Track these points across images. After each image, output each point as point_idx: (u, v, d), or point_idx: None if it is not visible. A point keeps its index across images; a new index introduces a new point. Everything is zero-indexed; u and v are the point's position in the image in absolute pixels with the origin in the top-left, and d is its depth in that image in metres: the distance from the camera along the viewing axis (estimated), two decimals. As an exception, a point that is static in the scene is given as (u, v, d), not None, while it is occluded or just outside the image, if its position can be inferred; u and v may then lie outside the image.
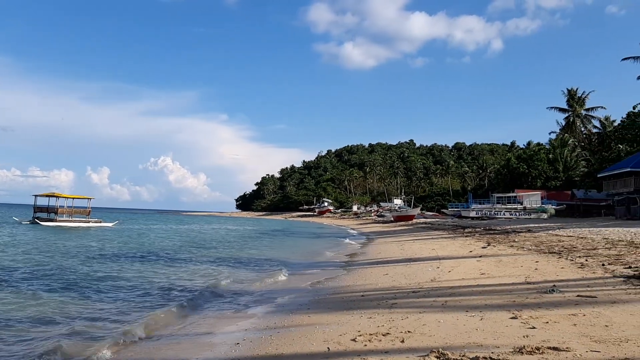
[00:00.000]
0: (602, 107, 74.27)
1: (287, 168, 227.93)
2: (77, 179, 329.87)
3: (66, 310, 11.54)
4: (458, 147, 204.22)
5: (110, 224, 62.34)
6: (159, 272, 18.90)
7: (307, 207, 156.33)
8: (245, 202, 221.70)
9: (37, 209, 60.76)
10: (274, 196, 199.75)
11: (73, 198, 61.27)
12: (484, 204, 71.34)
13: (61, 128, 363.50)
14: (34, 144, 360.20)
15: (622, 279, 11.09)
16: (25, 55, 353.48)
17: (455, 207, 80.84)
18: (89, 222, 59.91)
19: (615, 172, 46.30)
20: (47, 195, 59.93)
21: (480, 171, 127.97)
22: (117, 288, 14.76)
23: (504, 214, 64.63)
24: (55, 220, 57.22)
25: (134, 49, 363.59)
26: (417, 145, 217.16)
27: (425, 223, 65.35)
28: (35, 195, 60.71)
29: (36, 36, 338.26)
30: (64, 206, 59.76)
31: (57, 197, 59.18)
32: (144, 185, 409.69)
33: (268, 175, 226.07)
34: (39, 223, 55.78)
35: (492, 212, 66.17)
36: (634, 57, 45.75)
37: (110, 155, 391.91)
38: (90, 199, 62.97)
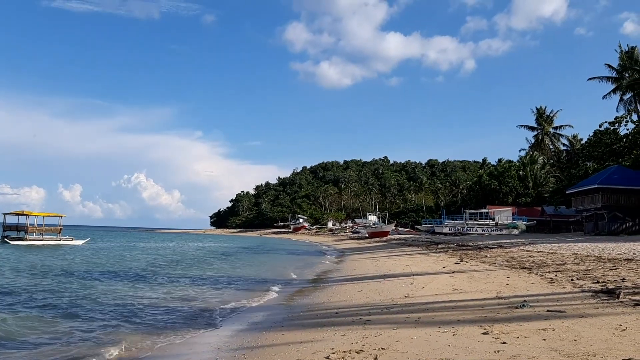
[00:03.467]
0: (569, 126, 76.26)
1: (262, 185, 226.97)
2: (49, 197, 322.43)
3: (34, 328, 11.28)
4: (431, 164, 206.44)
5: (81, 242, 61.08)
6: (126, 291, 18.53)
7: (282, 223, 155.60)
8: (220, 219, 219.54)
9: (6, 227, 59.15)
10: (249, 213, 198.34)
11: (44, 216, 59.88)
12: (456, 220, 72.08)
13: (32, 144, 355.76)
14: (2, 160, 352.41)
15: (590, 293, 11.32)
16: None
17: (429, 223, 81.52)
18: (60, 240, 58.60)
19: (583, 188, 47.35)
20: (16, 214, 58.45)
21: (453, 188, 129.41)
22: (84, 307, 14.45)
23: (477, 230, 65.39)
24: (26, 239, 55.79)
25: (108, 65, 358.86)
26: (391, 162, 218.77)
27: (400, 239, 65.66)
28: (5, 214, 59.20)
29: (5, 51, 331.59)
30: (34, 224, 58.36)
31: (27, 215, 57.79)
32: (117, 202, 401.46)
33: (243, 192, 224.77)
34: (8, 242, 54.30)
35: (465, 228, 66.88)
36: (599, 77, 47.16)
37: (83, 172, 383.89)
38: (61, 216, 61.65)
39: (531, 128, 75.86)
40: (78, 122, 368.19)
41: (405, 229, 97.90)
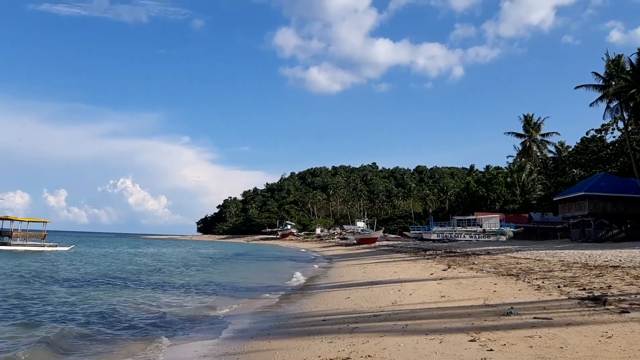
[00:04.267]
0: (556, 133, 76.74)
1: (250, 190, 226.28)
2: (33, 202, 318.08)
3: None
4: (419, 170, 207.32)
5: (65, 248, 60.43)
6: (111, 298, 18.30)
7: (269, 230, 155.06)
8: (207, 225, 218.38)
9: (-10, 232, 58.38)
10: (236, 219, 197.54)
11: (28, 221, 59.16)
12: (444, 226, 72.32)
13: (17, 149, 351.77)
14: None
15: (576, 300, 11.34)
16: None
17: (417, 230, 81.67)
18: (44, 246, 57.92)
19: (570, 195, 47.71)
20: (0, 219, 57.73)
21: (441, 194, 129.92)
22: (62, 315, 14.26)
23: (464, 237, 65.65)
24: (9, 244, 55.08)
25: (96, 70, 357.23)
26: (380, 168, 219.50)
27: (388, 245, 65.69)
28: (-12, 219, 58.41)
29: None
30: (18, 229, 57.63)
31: (11, 220, 57.08)
32: (102, 208, 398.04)
33: (230, 197, 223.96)
34: (-10, 247, 53.58)
35: (453, 235, 67.13)
36: (586, 85, 47.49)
37: (68, 177, 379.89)
38: (46, 222, 60.91)
39: (519, 135, 76.32)
40: (65, 127, 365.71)
41: (393, 236, 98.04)
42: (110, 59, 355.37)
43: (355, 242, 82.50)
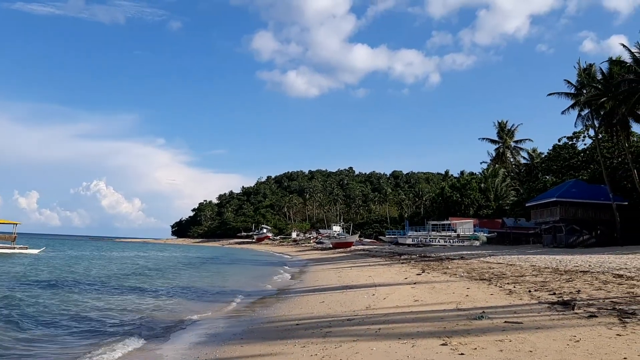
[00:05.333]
0: (529, 140, 78.03)
1: (225, 194, 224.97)
2: (3, 203, 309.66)
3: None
4: (395, 175, 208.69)
5: (36, 251, 59.16)
6: (80, 302, 17.95)
7: (245, 233, 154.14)
8: (182, 229, 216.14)
9: (-42, 234, 57.02)
10: (212, 223, 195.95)
11: (-4, 223, 57.89)
12: (419, 231, 72.80)
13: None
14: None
15: (546, 305, 11.51)
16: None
17: (393, 234, 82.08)
18: (13, 248, 56.64)
19: (542, 201, 48.49)
20: (-32, 220, 56.41)
21: (417, 199, 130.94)
22: (32, 320, 13.96)
23: (439, 241, 66.21)
24: (-23, 246, 53.79)
25: (71, 70, 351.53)
26: (356, 172, 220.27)
27: (363, 250, 65.88)
28: (-44, 220, 56.99)
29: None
30: (-14, 231, 56.37)
31: (-20, 221, 55.78)
32: (75, 210, 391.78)
33: (206, 201, 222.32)
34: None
35: (428, 240, 67.65)
36: (558, 93, 48.40)
37: (40, 178, 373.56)
38: (16, 224, 59.55)
39: (493, 141, 77.43)
40: (37, 127, 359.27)
41: (369, 240, 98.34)
42: (85, 60, 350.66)
43: (331, 246, 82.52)
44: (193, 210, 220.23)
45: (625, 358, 6.75)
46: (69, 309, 15.95)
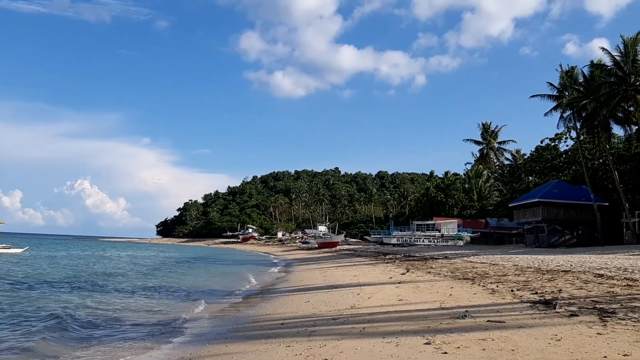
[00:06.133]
0: (513, 141, 78.91)
1: (211, 194, 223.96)
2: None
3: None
4: (381, 175, 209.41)
5: (19, 250, 58.46)
6: (63, 302, 17.73)
7: (230, 233, 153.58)
8: (167, 228, 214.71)
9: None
10: (197, 222, 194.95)
11: (-21, 222, 57.09)
12: (404, 231, 73.14)
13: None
14: None
15: (529, 304, 11.65)
16: None
17: (378, 234, 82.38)
18: (-5, 248, 55.92)
19: (525, 202, 49.01)
20: (-51, 220, 55.52)
21: (402, 199, 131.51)
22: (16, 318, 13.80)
23: (423, 241, 66.58)
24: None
25: (55, 69, 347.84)
26: (342, 173, 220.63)
27: (349, 250, 65.98)
28: (-64, 220, 56.06)
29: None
30: (-33, 231, 55.56)
31: (-39, 220, 54.95)
32: (59, 210, 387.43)
33: (191, 200, 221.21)
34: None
35: (412, 239, 67.98)
36: (541, 95, 48.95)
37: (24, 177, 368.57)
38: (-1, 223, 58.95)
39: (477, 142, 78.07)
40: (21, 126, 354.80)
41: (354, 240, 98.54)
42: (70, 58, 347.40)
43: (316, 246, 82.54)
44: (178, 210, 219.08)
45: (605, 356, 6.86)
46: (48, 309, 15.78)
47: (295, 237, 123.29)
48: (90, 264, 42.05)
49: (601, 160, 52.32)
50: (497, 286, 15.53)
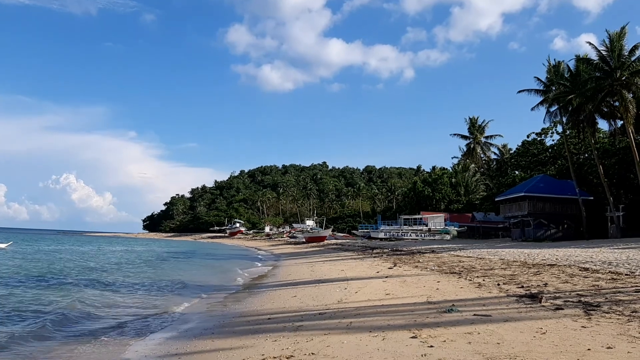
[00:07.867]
0: (500, 135, 79.39)
1: (198, 188, 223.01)
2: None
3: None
4: (368, 170, 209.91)
5: (3, 245, 57.83)
6: (48, 297, 17.58)
7: (218, 228, 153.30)
8: (153, 223, 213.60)
9: None
10: (184, 217, 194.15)
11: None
12: (392, 225, 73.36)
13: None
14: None
15: (514, 297, 11.73)
16: None
17: (365, 229, 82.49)
18: (-22, 243, 55.32)
19: (511, 196, 49.38)
20: None
21: (389, 194, 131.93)
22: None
23: (411, 235, 66.85)
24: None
25: (39, 61, 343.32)
26: (330, 167, 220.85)
27: (336, 244, 66.10)
28: None
29: None
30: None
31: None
32: (44, 204, 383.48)
33: (178, 195, 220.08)
34: None
35: (400, 234, 68.21)
36: (528, 90, 49.23)
37: (8, 171, 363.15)
38: (-19, 218, 58.24)
39: (464, 137, 78.36)
40: (4, 120, 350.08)
41: (342, 234, 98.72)
42: (54, 51, 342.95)
43: (304, 240, 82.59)
44: (165, 204, 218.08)
45: (589, 349, 6.92)
46: (30, 305, 15.62)
47: (283, 231, 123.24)
48: (73, 260, 41.67)
49: (586, 155, 52.87)
50: (484, 280, 15.63)
